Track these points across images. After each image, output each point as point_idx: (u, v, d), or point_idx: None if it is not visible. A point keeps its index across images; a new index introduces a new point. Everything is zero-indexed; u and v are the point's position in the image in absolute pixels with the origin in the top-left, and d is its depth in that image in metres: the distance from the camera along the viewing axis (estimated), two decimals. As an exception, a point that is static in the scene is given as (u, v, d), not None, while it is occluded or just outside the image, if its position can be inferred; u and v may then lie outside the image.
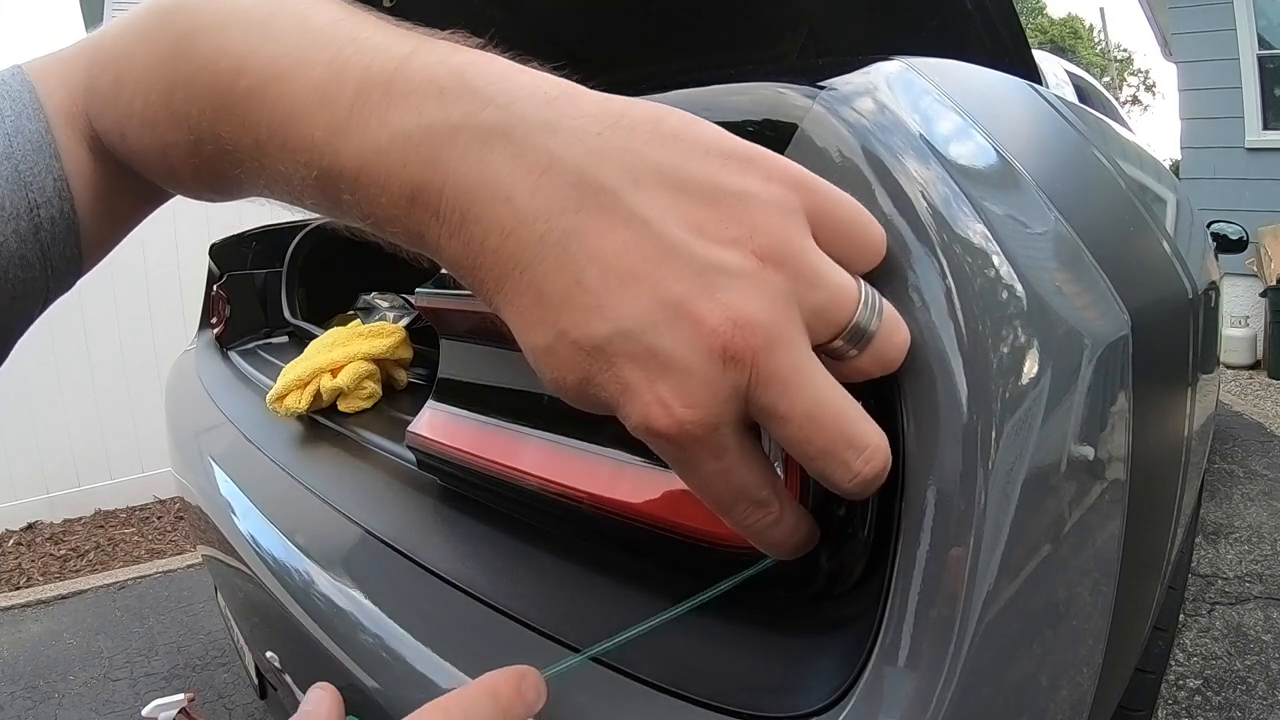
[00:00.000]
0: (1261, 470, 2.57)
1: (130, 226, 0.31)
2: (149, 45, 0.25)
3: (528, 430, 0.45)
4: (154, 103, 0.24)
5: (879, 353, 0.24)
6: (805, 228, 0.22)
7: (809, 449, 0.22)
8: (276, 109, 0.22)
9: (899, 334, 0.24)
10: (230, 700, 1.51)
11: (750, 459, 0.23)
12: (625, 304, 0.20)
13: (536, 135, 0.20)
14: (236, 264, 1.28)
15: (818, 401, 0.21)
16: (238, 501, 0.67)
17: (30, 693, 1.57)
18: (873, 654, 0.28)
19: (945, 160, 0.32)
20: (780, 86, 0.34)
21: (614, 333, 0.20)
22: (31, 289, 0.26)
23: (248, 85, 0.23)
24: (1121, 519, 0.38)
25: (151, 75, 0.24)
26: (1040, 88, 0.59)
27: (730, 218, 0.21)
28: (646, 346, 0.20)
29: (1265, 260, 4.06)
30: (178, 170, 0.26)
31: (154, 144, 0.25)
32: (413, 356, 0.84)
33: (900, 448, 0.29)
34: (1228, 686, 1.40)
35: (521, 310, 0.22)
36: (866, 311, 0.23)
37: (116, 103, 0.25)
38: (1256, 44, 4.29)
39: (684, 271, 0.20)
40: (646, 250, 0.20)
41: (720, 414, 0.21)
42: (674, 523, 0.35)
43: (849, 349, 0.23)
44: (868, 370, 0.24)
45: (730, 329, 0.20)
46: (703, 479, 0.23)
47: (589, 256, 0.20)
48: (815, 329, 0.22)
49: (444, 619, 0.40)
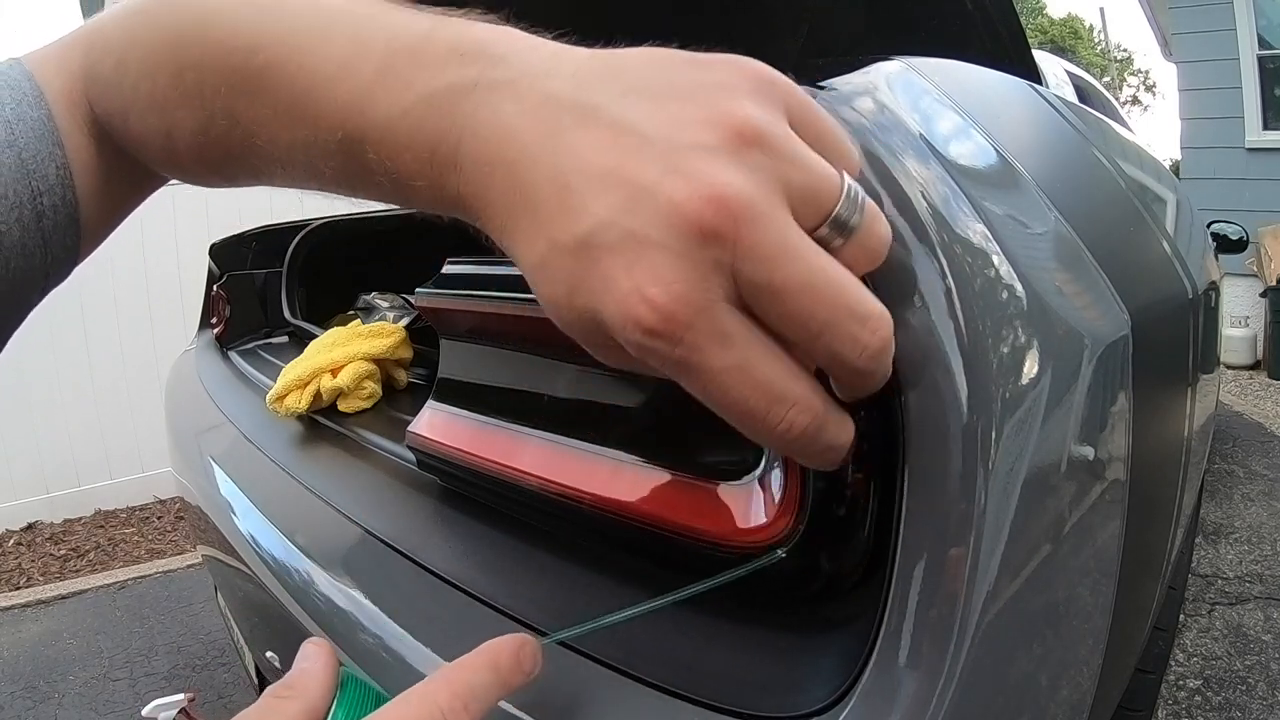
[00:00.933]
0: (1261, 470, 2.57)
1: (123, 215, 0.31)
2: (154, 30, 0.25)
3: (528, 430, 0.45)
4: (162, 84, 0.25)
5: (864, 243, 0.22)
6: (783, 117, 0.22)
7: (811, 324, 0.21)
8: (298, 81, 0.24)
9: (881, 225, 0.23)
10: (230, 700, 1.51)
11: (766, 347, 0.21)
12: (604, 196, 0.20)
13: (537, 80, 0.22)
14: (236, 264, 1.28)
15: (812, 270, 0.20)
16: (238, 501, 0.67)
17: (30, 693, 1.57)
18: (873, 654, 0.28)
19: (945, 160, 0.32)
20: (780, 86, 0.34)
21: (593, 225, 0.20)
22: (31, 277, 0.26)
23: (265, 60, 0.24)
24: (1121, 519, 0.38)
25: (158, 58, 0.25)
26: (1040, 88, 0.59)
27: (708, 104, 0.21)
28: (624, 231, 0.20)
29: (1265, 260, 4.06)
30: (180, 154, 0.27)
31: (159, 126, 0.26)
32: (413, 356, 0.84)
33: (900, 447, 0.29)
34: (1228, 686, 1.40)
35: (522, 232, 0.22)
36: (850, 199, 0.22)
37: (120, 87, 0.26)
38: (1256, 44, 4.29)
39: (659, 155, 0.20)
40: (625, 145, 0.20)
41: (705, 293, 0.20)
42: (673, 522, 0.35)
43: (835, 237, 0.22)
44: (854, 262, 0.22)
45: (705, 201, 0.19)
46: (720, 384, 0.21)
47: (574, 162, 0.21)
48: (799, 212, 0.21)
49: (444, 619, 0.40)
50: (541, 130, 0.21)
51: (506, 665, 0.26)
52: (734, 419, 0.22)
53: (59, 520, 2.66)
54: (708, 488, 0.35)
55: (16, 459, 2.57)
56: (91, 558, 2.36)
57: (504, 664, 0.26)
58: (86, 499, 2.72)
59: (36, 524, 2.61)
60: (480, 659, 0.26)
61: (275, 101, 0.24)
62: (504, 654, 0.27)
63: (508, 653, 0.27)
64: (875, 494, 0.30)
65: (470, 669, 0.26)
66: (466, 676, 0.25)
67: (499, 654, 0.27)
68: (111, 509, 2.76)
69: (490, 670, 0.26)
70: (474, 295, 0.49)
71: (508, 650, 0.27)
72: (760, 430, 0.22)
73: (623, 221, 0.20)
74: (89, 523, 2.65)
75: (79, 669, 1.66)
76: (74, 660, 1.70)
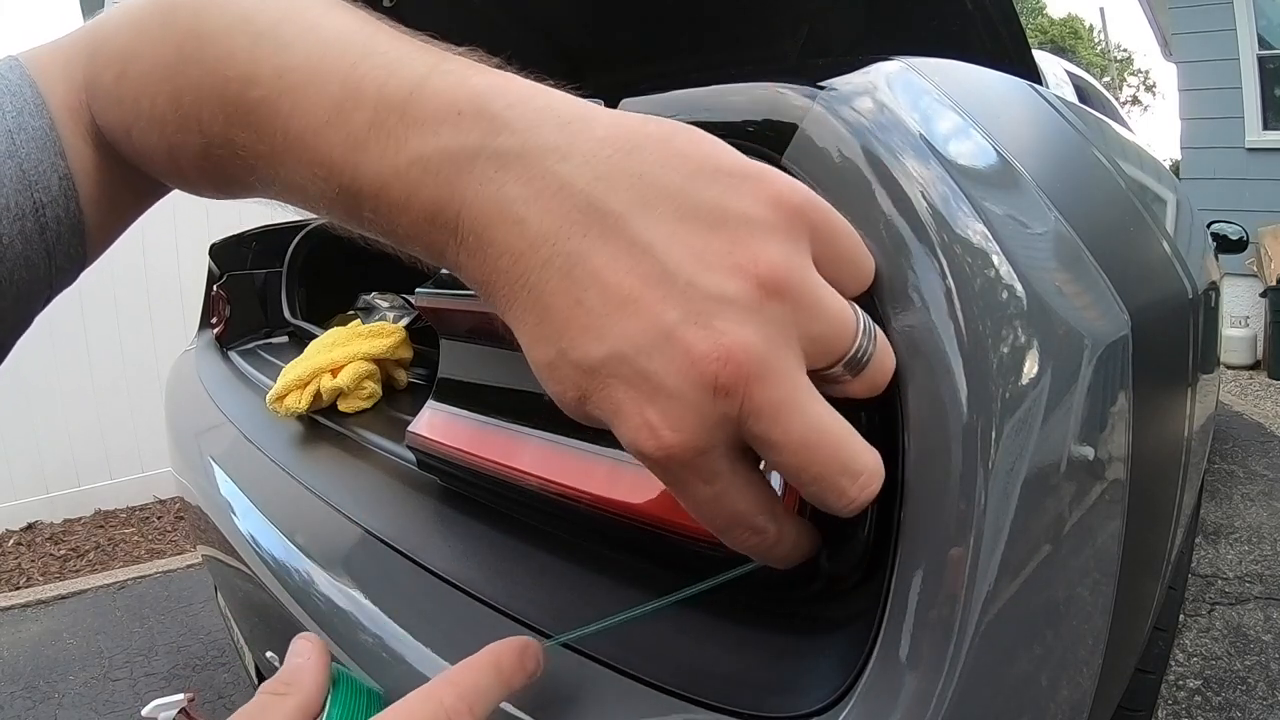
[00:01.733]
0: (1261, 470, 2.57)
1: (132, 219, 0.31)
2: (152, 45, 0.24)
3: (527, 430, 0.45)
4: (161, 104, 0.24)
5: (870, 378, 0.24)
6: (808, 254, 0.22)
7: (804, 475, 0.22)
8: (291, 123, 0.22)
9: (889, 360, 0.25)
10: (230, 700, 1.51)
11: (745, 485, 0.23)
12: (621, 327, 0.20)
13: (548, 160, 0.21)
14: (236, 264, 1.27)
15: (812, 429, 0.21)
16: (238, 501, 0.67)
17: (30, 693, 1.57)
18: (873, 654, 0.28)
19: (945, 160, 0.32)
20: (779, 86, 0.34)
21: (609, 355, 0.20)
22: (35, 289, 0.26)
23: (260, 95, 0.23)
24: (1121, 519, 0.38)
25: (157, 76, 0.24)
26: (1040, 88, 0.59)
27: (734, 243, 0.20)
28: (638, 370, 0.20)
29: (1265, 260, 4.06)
30: (185, 171, 0.26)
31: (161, 144, 0.25)
32: (413, 356, 0.84)
33: (900, 447, 0.29)
34: (1228, 686, 1.40)
35: (529, 327, 0.22)
36: (864, 340, 0.23)
37: (121, 101, 0.25)
38: (1256, 44, 4.29)
39: (681, 298, 0.20)
40: (647, 275, 0.20)
41: (708, 440, 0.21)
42: (673, 522, 0.35)
43: (844, 375, 0.23)
44: (856, 393, 0.24)
45: (722, 359, 0.20)
46: (695, 503, 0.23)
47: (591, 279, 0.20)
48: (813, 356, 0.22)
49: (444, 619, 0.40)
50: (553, 228, 0.20)
51: (509, 666, 0.27)
52: (701, 524, 0.24)
53: (59, 520, 2.66)
54: (708, 488, 0.35)
55: (16, 459, 2.57)
56: (91, 558, 2.36)
57: (507, 665, 0.27)
58: (86, 499, 2.72)
59: (36, 524, 2.61)
60: (484, 660, 0.26)
61: (272, 140, 0.23)
62: (507, 655, 0.27)
63: (511, 654, 0.27)
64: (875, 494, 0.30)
65: (474, 669, 0.26)
66: (471, 677, 0.25)
67: (502, 655, 0.27)
68: (111, 509, 2.75)
69: (493, 671, 0.26)
70: (474, 295, 0.49)
71: (510, 651, 0.27)
72: (720, 538, 0.25)
73: (639, 360, 0.20)
74: (89, 523, 2.65)
75: (79, 669, 1.66)
76: (74, 660, 1.70)
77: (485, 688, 0.25)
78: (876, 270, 0.27)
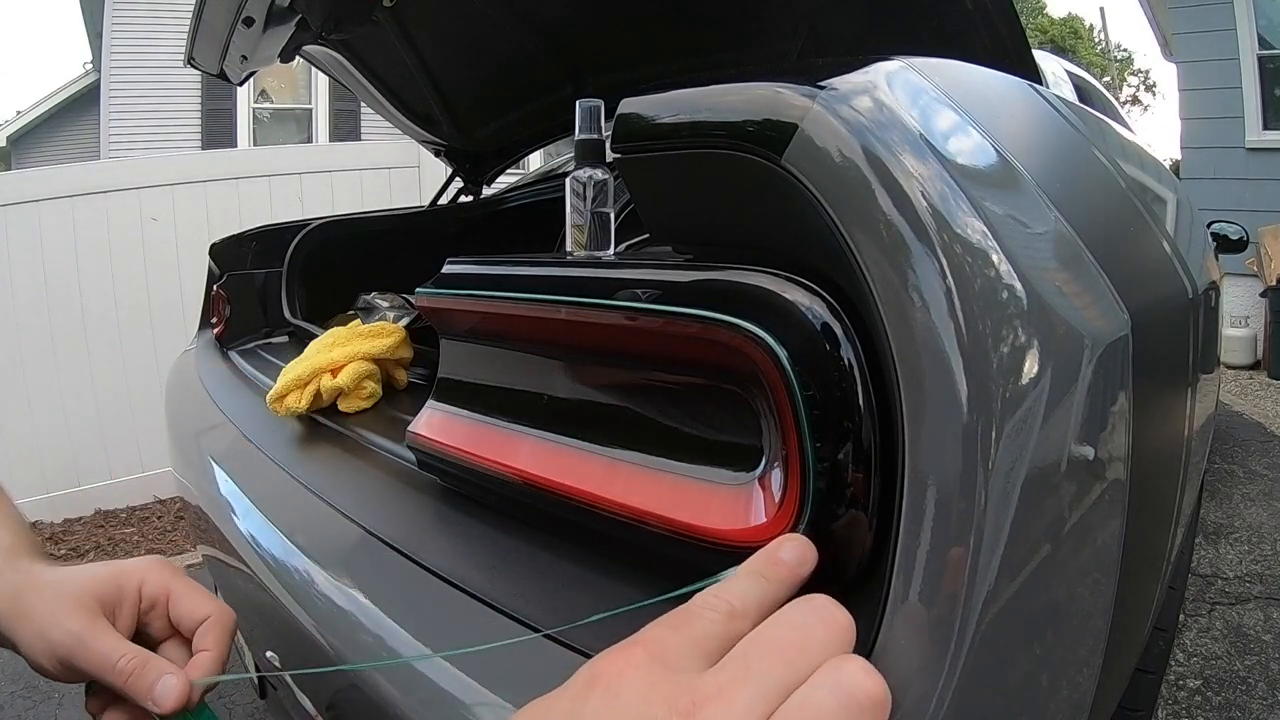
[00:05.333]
0: (1261, 470, 2.57)
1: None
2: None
3: (528, 430, 0.45)
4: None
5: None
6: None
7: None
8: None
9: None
10: (230, 700, 1.51)
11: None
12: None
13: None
14: (236, 264, 1.27)
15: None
16: (238, 501, 0.67)
17: (30, 692, 1.57)
18: (873, 654, 0.28)
19: (945, 159, 0.32)
20: (779, 86, 0.34)
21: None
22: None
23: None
24: (1121, 519, 0.38)
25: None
26: (1040, 88, 0.59)
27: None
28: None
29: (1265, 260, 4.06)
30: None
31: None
32: (413, 356, 0.84)
33: (900, 448, 0.29)
34: (1228, 686, 1.40)
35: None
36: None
37: None
38: (1256, 44, 4.29)
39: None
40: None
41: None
42: (674, 522, 0.35)
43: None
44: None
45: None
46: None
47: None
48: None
49: (444, 619, 0.40)
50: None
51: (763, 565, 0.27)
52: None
53: (59, 520, 2.66)
54: (708, 487, 0.35)
55: (17, 459, 2.57)
56: (91, 558, 2.36)
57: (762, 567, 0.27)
58: (86, 499, 2.72)
59: (36, 524, 2.61)
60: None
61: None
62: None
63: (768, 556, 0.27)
64: (875, 494, 0.30)
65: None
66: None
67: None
68: (111, 509, 2.75)
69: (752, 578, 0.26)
70: (474, 295, 0.49)
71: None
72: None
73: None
74: (89, 523, 2.65)
75: (79, 669, 1.66)
76: (74, 660, 1.70)
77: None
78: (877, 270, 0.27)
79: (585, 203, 0.55)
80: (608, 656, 0.23)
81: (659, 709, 0.20)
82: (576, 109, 0.56)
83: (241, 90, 4.72)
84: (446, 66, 1.41)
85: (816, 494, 0.30)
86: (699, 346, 0.35)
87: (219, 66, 1.21)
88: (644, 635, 0.23)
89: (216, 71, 1.24)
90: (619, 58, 1.31)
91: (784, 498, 0.32)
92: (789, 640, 0.22)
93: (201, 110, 5.61)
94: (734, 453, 0.35)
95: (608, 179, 0.55)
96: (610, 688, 0.21)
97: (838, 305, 0.32)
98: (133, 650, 0.34)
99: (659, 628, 0.23)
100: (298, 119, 6.11)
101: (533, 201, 1.64)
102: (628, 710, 0.20)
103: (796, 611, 0.23)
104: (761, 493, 0.33)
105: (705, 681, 0.21)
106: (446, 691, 0.36)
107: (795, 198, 0.32)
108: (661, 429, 0.39)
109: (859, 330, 0.31)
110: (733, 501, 0.34)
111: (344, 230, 1.32)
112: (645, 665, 0.22)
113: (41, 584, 0.36)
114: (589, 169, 0.55)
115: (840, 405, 0.30)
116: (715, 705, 0.20)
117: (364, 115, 5.81)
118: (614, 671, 0.22)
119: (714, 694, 0.20)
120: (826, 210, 0.31)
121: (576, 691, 0.22)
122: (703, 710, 0.20)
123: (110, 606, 0.36)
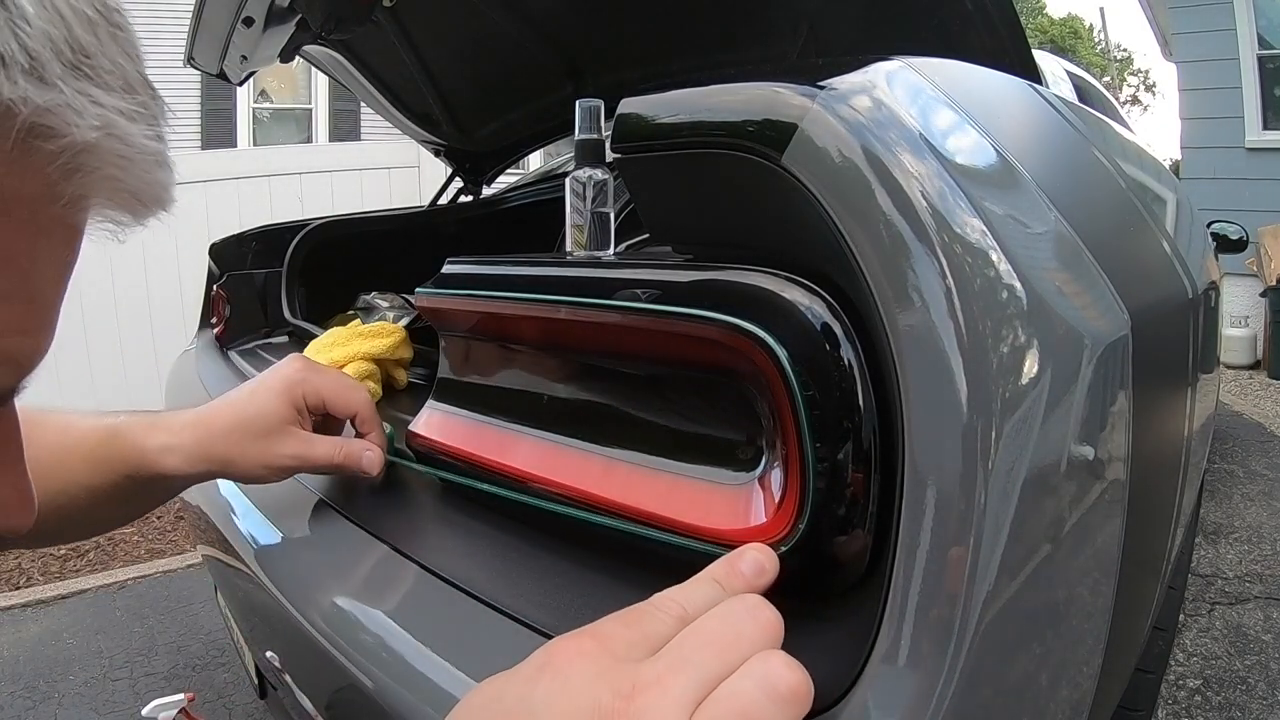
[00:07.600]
0: (1261, 470, 2.57)
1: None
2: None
3: (528, 430, 0.45)
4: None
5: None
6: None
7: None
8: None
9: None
10: (230, 700, 1.51)
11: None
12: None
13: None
14: (236, 264, 1.27)
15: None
16: (238, 501, 0.67)
17: (30, 693, 1.57)
18: (873, 654, 0.28)
19: (944, 158, 0.32)
20: (779, 86, 0.34)
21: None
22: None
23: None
24: (1121, 519, 0.38)
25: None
26: (1040, 88, 0.59)
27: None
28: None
29: (1265, 260, 4.06)
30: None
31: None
32: (412, 356, 0.84)
33: (900, 448, 0.29)
34: (1228, 686, 1.40)
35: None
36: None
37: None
38: (1256, 44, 4.29)
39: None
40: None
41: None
42: (674, 521, 0.35)
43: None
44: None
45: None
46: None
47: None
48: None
49: (444, 619, 0.40)
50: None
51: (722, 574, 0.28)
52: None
53: (59, 520, 2.65)
54: (708, 487, 0.35)
55: (16, 459, 2.57)
56: (91, 558, 2.36)
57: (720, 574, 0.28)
58: (86, 499, 2.72)
59: (36, 524, 2.60)
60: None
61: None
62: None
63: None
64: (875, 494, 0.30)
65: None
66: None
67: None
68: (111, 509, 2.75)
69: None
70: (474, 295, 0.49)
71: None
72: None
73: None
74: (89, 523, 2.65)
75: (79, 669, 1.66)
76: (74, 660, 1.70)
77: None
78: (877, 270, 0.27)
79: (585, 203, 0.55)
80: (561, 642, 0.25)
81: (604, 693, 0.23)
82: (576, 109, 0.56)
83: (241, 90, 4.72)
84: (446, 66, 1.41)
85: (816, 494, 0.30)
86: (699, 346, 0.35)
87: (219, 66, 1.21)
88: (597, 627, 0.25)
89: (216, 71, 1.24)
90: (619, 58, 1.31)
91: (784, 497, 0.32)
92: (721, 634, 0.25)
93: (201, 110, 5.61)
94: (734, 453, 0.35)
95: (608, 179, 0.55)
96: (561, 672, 0.23)
97: (838, 305, 0.32)
98: (336, 444, 0.50)
99: (612, 622, 0.26)
100: (298, 119, 6.11)
101: (532, 201, 1.64)
102: (575, 694, 0.23)
103: (729, 609, 0.26)
104: (761, 492, 0.33)
105: (645, 670, 0.23)
106: (447, 691, 0.36)
107: (795, 197, 0.32)
108: (661, 429, 0.39)
109: (859, 330, 0.31)
110: (733, 501, 0.34)
111: (344, 230, 1.32)
112: (594, 654, 0.24)
113: (237, 438, 0.48)
114: (589, 169, 0.55)
115: (840, 405, 0.30)
116: (653, 690, 0.23)
117: (364, 115, 5.81)
118: (565, 659, 0.24)
119: (653, 681, 0.23)
120: (826, 210, 0.31)
121: (529, 675, 0.24)
122: (643, 695, 0.23)
123: (298, 421, 0.50)
